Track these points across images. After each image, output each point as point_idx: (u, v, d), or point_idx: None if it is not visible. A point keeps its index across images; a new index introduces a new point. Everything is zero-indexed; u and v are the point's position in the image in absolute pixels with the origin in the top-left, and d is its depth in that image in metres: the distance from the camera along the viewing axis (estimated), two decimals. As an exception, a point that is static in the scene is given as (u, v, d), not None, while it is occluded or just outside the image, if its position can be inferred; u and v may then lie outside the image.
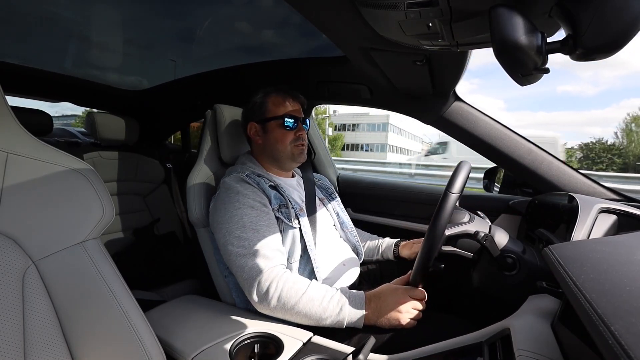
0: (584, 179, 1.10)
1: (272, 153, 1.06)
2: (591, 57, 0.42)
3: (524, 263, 0.75)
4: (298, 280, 0.83)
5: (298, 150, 1.05)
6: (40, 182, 0.53)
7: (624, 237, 0.54)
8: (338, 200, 1.22)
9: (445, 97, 1.19)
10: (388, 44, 0.78)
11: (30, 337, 0.49)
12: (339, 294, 0.83)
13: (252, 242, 0.85)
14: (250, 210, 0.89)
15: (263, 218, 0.89)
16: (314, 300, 0.80)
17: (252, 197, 0.92)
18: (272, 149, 1.06)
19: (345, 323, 0.80)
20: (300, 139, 1.05)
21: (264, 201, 0.94)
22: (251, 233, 0.86)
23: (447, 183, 0.75)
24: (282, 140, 1.04)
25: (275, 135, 1.04)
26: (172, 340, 0.75)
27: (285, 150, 1.04)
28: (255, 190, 0.94)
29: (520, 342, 0.50)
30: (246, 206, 0.90)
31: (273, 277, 0.81)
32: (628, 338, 0.27)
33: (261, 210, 0.91)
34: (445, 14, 0.55)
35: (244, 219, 0.88)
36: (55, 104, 2.47)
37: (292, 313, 0.80)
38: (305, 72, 1.40)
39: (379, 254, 1.22)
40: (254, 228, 0.87)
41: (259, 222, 0.88)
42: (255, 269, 0.82)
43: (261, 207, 0.92)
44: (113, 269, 0.58)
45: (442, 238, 0.76)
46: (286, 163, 1.07)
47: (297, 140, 1.05)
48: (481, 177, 1.41)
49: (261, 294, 0.81)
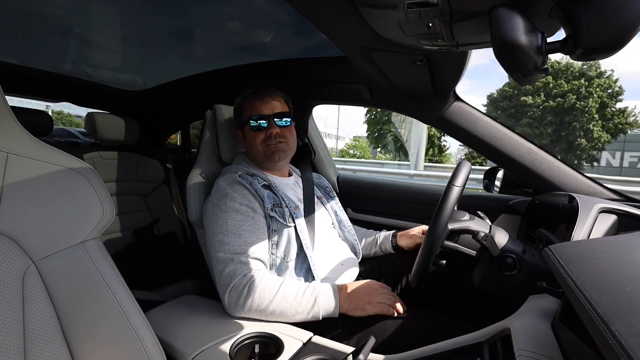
0: (584, 179, 1.10)
1: (252, 156, 1.08)
2: (591, 57, 0.42)
3: (524, 263, 0.75)
4: (270, 280, 0.83)
5: (270, 149, 1.03)
6: (40, 182, 0.53)
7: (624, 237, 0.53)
8: (336, 199, 1.22)
9: (445, 97, 1.19)
10: (388, 44, 0.78)
11: (31, 337, 0.49)
12: (312, 286, 0.84)
13: (232, 247, 0.85)
14: (235, 214, 0.89)
15: (247, 223, 0.89)
16: (287, 296, 0.81)
17: (239, 200, 0.91)
18: (250, 153, 1.08)
19: (322, 314, 0.82)
20: (271, 137, 1.03)
21: (253, 204, 0.93)
22: (232, 238, 0.86)
23: (449, 178, 0.77)
24: (254, 142, 1.04)
25: (249, 138, 1.06)
26: (172, 340, 0.75)
27: (258, 152, 1.04)
28: (245, 192, 0.94)
29: (521, 342, 0.50)
30: (231, 210, 0.90)
31: (246, 282, 0.81)
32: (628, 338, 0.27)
33: (246, 215, 0.90)
34: (445, 14, 0.55)
35: (228, 223, 0.88)
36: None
37: (267, 313, 0.81)
38: (305, 72, 1.40)
39: (377, 246, 1.22)
40: (236, 233, 0.87)
41: (242, 226, 0.88)
42: (231, 274, 0.82)
43: (247, 210, 0.91)
44: (113, 269, 0.58)
45: (445, 231, 0.76)
46: (265, 164, 1.07)
47: (268, 140, 1.03)
48: (481, 177, 1.41)
49: (234, 299, 0.81)
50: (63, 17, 1.51)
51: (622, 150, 19.85)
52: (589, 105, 17.85)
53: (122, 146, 1.75)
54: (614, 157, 20.12)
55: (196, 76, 1.72)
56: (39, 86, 1.77)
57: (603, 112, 18.28)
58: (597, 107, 18.00)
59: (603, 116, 18.30)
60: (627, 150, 19.82)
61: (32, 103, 2.60)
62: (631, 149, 19.67)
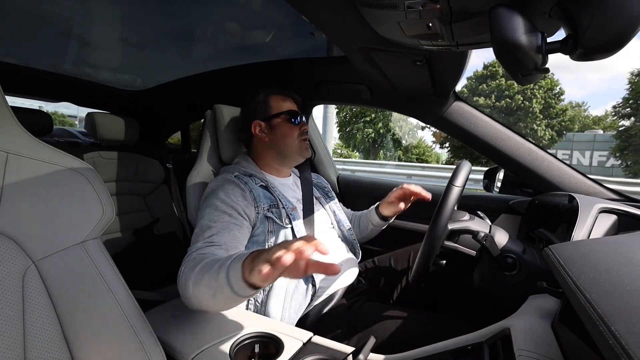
0: (584, 178, 1.10)
1: (280, 149, 1.07)
2: (591, 57, 0.42)
3: (524, 263, 0.75)
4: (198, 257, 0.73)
5: (305, 144, 1.09)
6: (40, 182, 0.53)
7: (624, 237, 0.53)
8: (335, 199, 1.22)
9: (445, 97, 1.19)
10: (388, 44, 0.78)
11: (31, 337, 0.49)
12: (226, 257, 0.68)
13: (199, 239, 0.81)
14: (213, 209, 0.87)
15: (222, 219, 0.85)
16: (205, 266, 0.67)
17: (222, 198, 0.89)
18: (280, 145, 1.06)
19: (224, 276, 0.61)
20: (305, 133, 1.09)
21: (236, 205, 0.89)
22: (205, 231, 0.82)
23: (449, 178, 0.77)
24: (290, 134, 1.06)
25: (282, 130, 1.06)
26: (172, 340, 0.75)
27: (294, 144, 1.07)
28: (235, 192, 0.91)
29: (521, 342, 0.50)
30: (212, 206, 0.88)
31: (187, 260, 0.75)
32: (628, 338, 0.27)
33: (224, 212, 0.87)
34: (445, 14, 0.55)
35: (205, 218, 0.86)
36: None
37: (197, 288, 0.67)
38: (305, 72, 1.40)
39: (368, 223, 1.21)
40: (208, 226, 0.83)
41: (216, 221, 0.84)
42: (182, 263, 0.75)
43: (227, 209, 0.87)
44: (113, 269, 0.58)
45: (445, 231, 0.76)
46: (293, 158, 1.09)
47: (302, 135, 1.08)
48: (481, 177, 1.41)
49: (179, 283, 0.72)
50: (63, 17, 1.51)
51: (592, 150, 21.32)
52: (533, 106, 19.29)
53: (122, 146, 1.75)
54: (584, 156, 21.51)
55: (196, 76, 1.72)
56: (39, 86, 1.77)
57: (548, 112, 19.74)
58: (540, 108, 19.47)
59: (548, 115, 19.74)
60: (596, 149, 21.36)
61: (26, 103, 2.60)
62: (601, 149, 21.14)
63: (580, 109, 27.35)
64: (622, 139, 18.09)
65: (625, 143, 17.83)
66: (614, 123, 22.23)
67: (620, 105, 19.09)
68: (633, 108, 18.09)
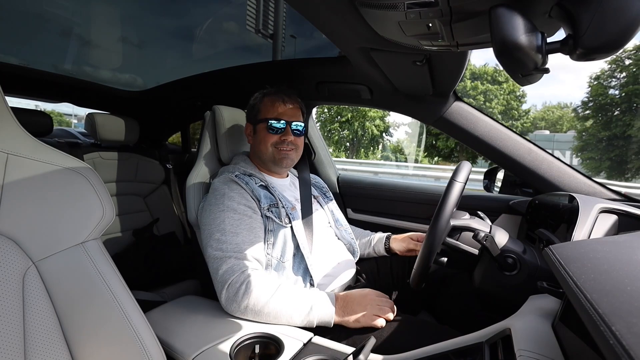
0: (584, 178, 1.10)
1: (258, 154, 1.07)
2: (591, 57, 0.42)
3: (525, 263, 0.75)
4: (267, 280, 0.83)
5: (280, 154, 1.04)
6: (40, 182, 0.53)
7: (624, 237, 0.53)
8: (332, 198, 1.23)
9: (445, 97, 1.19)
10: (388, 44, 0.78)
11: (31, 338, 0.49)
12: (309, 293, 0.84)
13: (230, 246, 0.85)
14: (232, 213, 0.89)
15: (245, 222, 0.89)
16: (284, 300, 0.81)
17: (237, 199, 0.92)
18: (257, 150, 1.07)
19: (316, 322, 0.81)
20: (284, 142, 1.04)
21: (251, 204, 0.93)
22: (230, 236, 0.86)
23: (451, 176, 0.77)
24: (265, 142, 1.04)
25: (260, 136, 1.06)
26: (173, 340, 0.75)
27: (267, 152, 1.05)
28: (242, 192, 0.94)
29: (521, 342, 0.50)
30: (229, 209, 0.90)
31: (243, 280, 0.81)
32: (629, 338, 0.27)
33: (244, 214, 0.91)
34: (445, 14, 0.55)
35: (225, 222, 0.88)
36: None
37: (262, 314, 0.80)
38: (305, 72, 1.40)
39: (371, 247, 1.22)
40: (234, 232, 0.87)
41: (239, 225, 0.88)
42: (229, 272, 0.82)
43: (245, 209, 0.91)
44: (113, 270, 0.58)
45: (447, 227, 0.76)
46: (270, 165, 1.08)
47: (281, 144, 1.04)
48: (481, 178, 1.41)
49: (231, 297, 0.81)
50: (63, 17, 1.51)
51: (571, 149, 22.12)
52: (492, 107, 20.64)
53: (122, 146, 1.75)
54: (564, 155, 22.47)
55: (196, 76, 1.72)
56: (39, 86, 1.77)
57: (511, 113, 21.32)
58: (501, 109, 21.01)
59: (511, 117, 21.26)
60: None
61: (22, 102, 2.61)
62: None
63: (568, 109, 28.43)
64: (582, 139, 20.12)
65: (583, 143, 19.86)
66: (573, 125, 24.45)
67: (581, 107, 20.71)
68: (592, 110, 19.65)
